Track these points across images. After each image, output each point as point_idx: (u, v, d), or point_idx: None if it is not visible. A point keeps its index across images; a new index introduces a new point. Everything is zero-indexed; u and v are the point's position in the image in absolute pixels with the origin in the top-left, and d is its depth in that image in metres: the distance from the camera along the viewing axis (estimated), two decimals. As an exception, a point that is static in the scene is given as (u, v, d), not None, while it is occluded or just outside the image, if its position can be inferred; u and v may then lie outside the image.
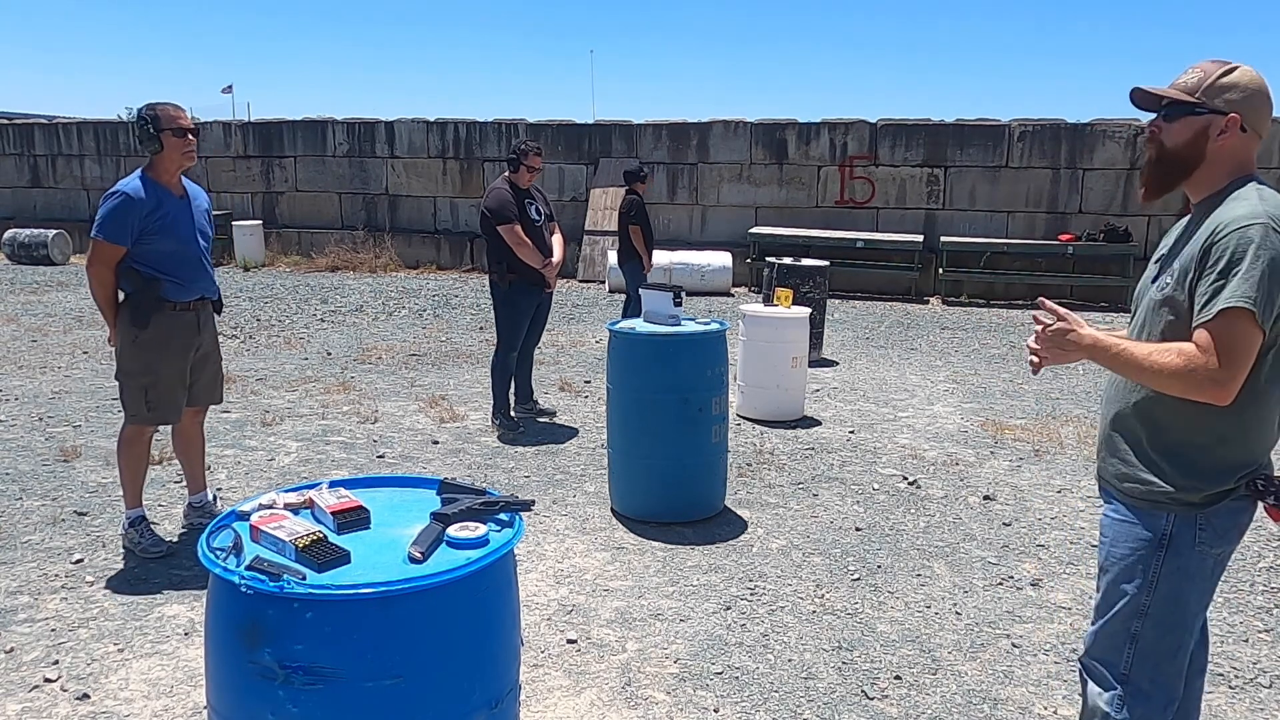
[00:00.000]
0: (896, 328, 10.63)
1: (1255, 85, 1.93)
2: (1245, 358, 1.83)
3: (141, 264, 3.77)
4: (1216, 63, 1.95)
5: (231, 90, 35.21)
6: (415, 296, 12.15)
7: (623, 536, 4.32)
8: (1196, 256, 1.89)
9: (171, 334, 3.88)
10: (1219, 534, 1.98)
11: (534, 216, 5.85)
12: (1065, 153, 13.04)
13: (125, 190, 3.72)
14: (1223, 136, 1.93)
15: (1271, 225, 1.82)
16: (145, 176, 3.80)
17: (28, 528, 4.24)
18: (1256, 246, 1.80)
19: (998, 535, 4.38)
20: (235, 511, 2.03)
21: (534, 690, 2.99)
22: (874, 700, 2.98)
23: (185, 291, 3.88)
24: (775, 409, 6.38)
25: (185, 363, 3.97)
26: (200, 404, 4.19)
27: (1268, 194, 1.90)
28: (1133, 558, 2.04)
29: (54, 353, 8.17)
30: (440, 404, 6.55)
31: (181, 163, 3.82)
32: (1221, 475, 1.95)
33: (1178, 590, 2.01)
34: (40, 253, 14.91)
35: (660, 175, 14.19)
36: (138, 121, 3.77)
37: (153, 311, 3.80)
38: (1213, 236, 1.87)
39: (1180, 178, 2.00)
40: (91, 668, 3.09)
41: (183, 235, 3.84)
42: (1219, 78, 1.93)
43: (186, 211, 3.90)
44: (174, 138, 3.76)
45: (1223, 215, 1.88)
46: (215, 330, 4.18)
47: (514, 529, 1.97)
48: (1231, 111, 1.91)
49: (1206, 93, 1.93)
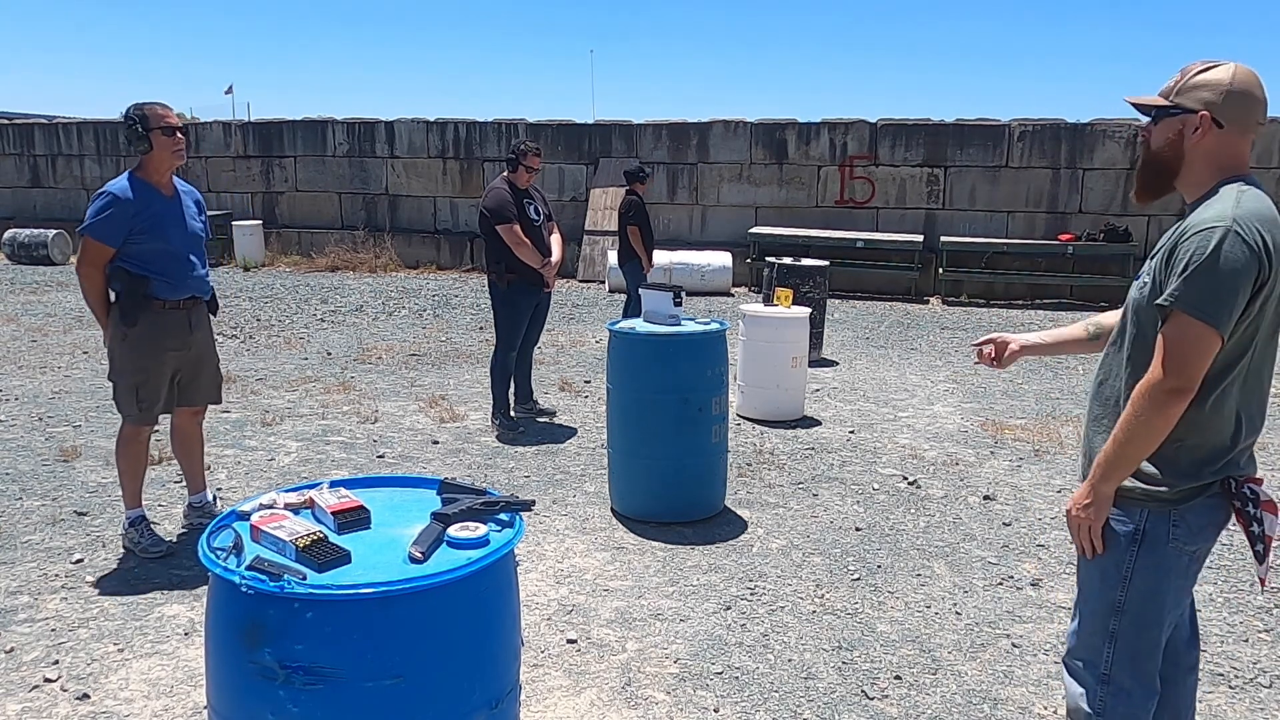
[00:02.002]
0: (896, 328, 10.63)
1: (1231, 82, 1.90)
2: (1194, 362, 1.84)
3: (130, 263, 3.75)
4: (1200, 63, 1.95)
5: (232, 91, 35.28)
6: (415, 296, 12.15)
7: (623, 536, 4.32)
8: (1164, 259, 1.90)
9: (161, 332, 3.86)
10: (1193, 531, 1.99)
11: (533, 216, 5.85)
12: (1065, 153, 13.04)
13: (113, 191, 3.72)
14: (1197, 134, 1.93)
15: (1235, 229, 1.80)
16: (134, 177, 3.79)
17: (28, 528, 4.24)
18: (1212, 251, 1.80)
19: (998, 535, 4.38)
20: (235, 511, 2.03)
21: (534, 690, 2.99)
22: (874, 700, 2.98)
23: (175, 290, 3.86)
24: (775, 409, 6.38)
25: (177, 362, 3.95)
26: (198, 404, 4.18)
27: (1248, 196, 1.88)
28: (1107, 553, 2.06)
29: (54, 353, 8.17)
30: (440, 404, 6.55)
31: (171, 162, 3.80)
32: (1191, 470, 1.96)
33: (1153, 586, 2.02)
34: (40, 253, 14.91)
35: (660, 175, 14.18)
36: (125, 122, 3.75)
37: (141, 310, 3.79)
38: (1179, 238, 1.88)
39: (1167, 178, 2.01)
40: (91, 668, 3.09)
41: (171, 235, 3.82)
42: (1192, 77, 1.93)
43: (176, 211, 3.88)
44: (163, 136, 3.75)
45: (1194, 218, 1.89)
46: (210, 330, 4.16)
47: (514, 529, 1.97)
48: (1202, 110, 1.91)
49: (1179, 93, 1.94)
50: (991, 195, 13.35)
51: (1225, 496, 1.98)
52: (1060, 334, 2.53)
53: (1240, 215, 1.83)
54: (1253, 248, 1.80)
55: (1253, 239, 1.81)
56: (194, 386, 4.09)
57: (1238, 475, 1.98)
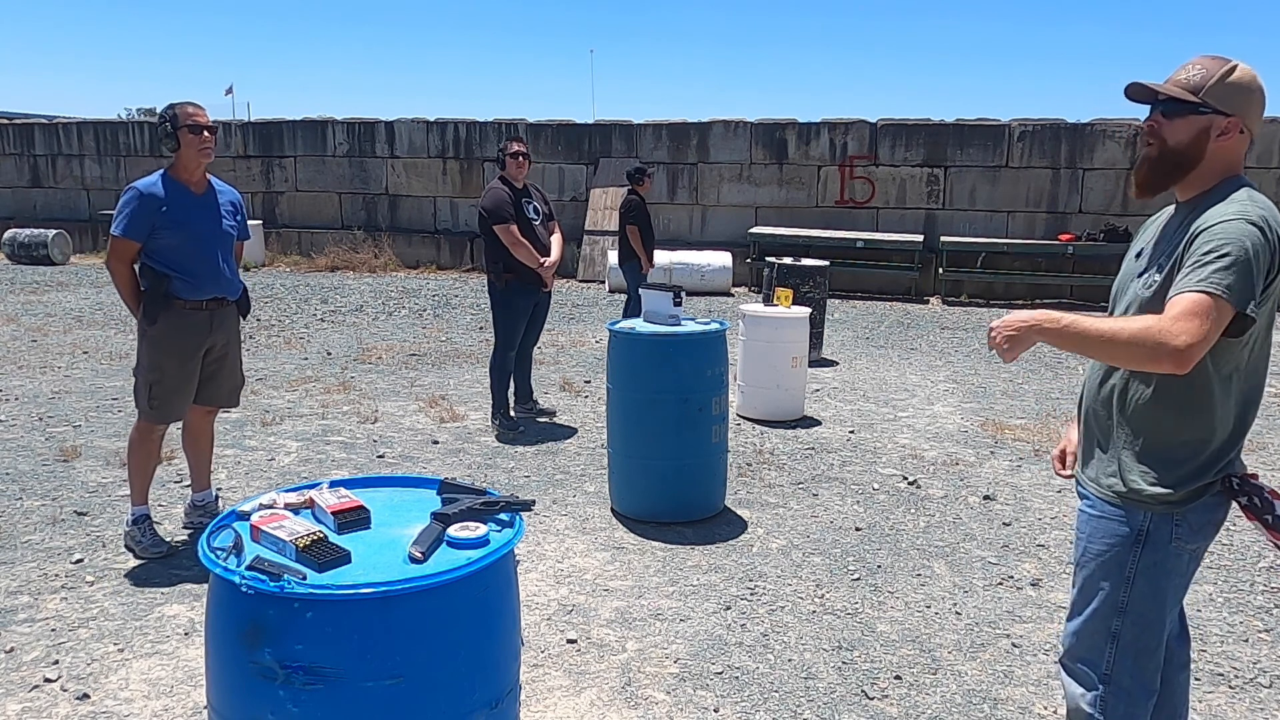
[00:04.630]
0: (896, 328, 10.63)
1: (1255, 86, 1.93)
2: (1206, 333, 1.79)
3: (154, 260, 3.81)
4: (1218, 60, 1.93)
5: (232, 92, 35.25)
6: (415, 296, 12.15)
7: (623, 536, 4.32)
8: (1182, 250, 1.89)
9: (179, 333, 3.87)
10: (1195, 530, 1.99)
11: (531, 215, 5.86)
12: (1065, 152, 13.04)
13: (138, 186, 3.79)
14: (1223, 137, 1.92)
15: (1259, 225, 1.83)
16: (165, 174, 3.87)
17: (28, 528, 4.24)
18: (1239, 241, 1.81)
19: (998, 535, 4.38)
20: (235, 511, 2.03)
21: (534, 690, 2.99)
22: (874, 700, 2.98)
23: (196, 290, 3.87)
24: (775, 409, 6.38)
25: (194, 363, 3.95)
26: (214, 404, 4.19)
27: (1257, 197, 1.91)
28: (1109, 554, 2.05)
29: (54, 353, 8.16)
30: (440, 404, 6.55)
31: (199, 159, 3.85)
32: (1195, 472, 1.96)
33: (1155, 586, 2.02)
34: (40, 253, 14.91)
35: (660, 175, 14.18)
36: (159, 122, 3.85)
37: (160, 309, 3.82)
38: (1200, 230, 1.87)
39: (1179, 176, 1.99)
40: (91, 668, 3.09)
41: (196, 232, 3.85)
42: (1223, 78, 1.91)
43: (207, 209, 3.91)
44: (189, 134, 3.80)
45: (1213, 213, 1.89)
46: (237, 332, 4.15)
47: (514, 529, 1.97)
48: (1234, 114, 1.91)
49: (1210, 93, 1.91)
50: (991, 195, 13.35)
51: (1226, 494, 1.98)
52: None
53: (1261, 213, 1.86)
54: (1271, 243, 1.83)
55: (1273, 235, 1.84)
56: (212, 386, 4.08)
57: (1235, 473, 1.98)
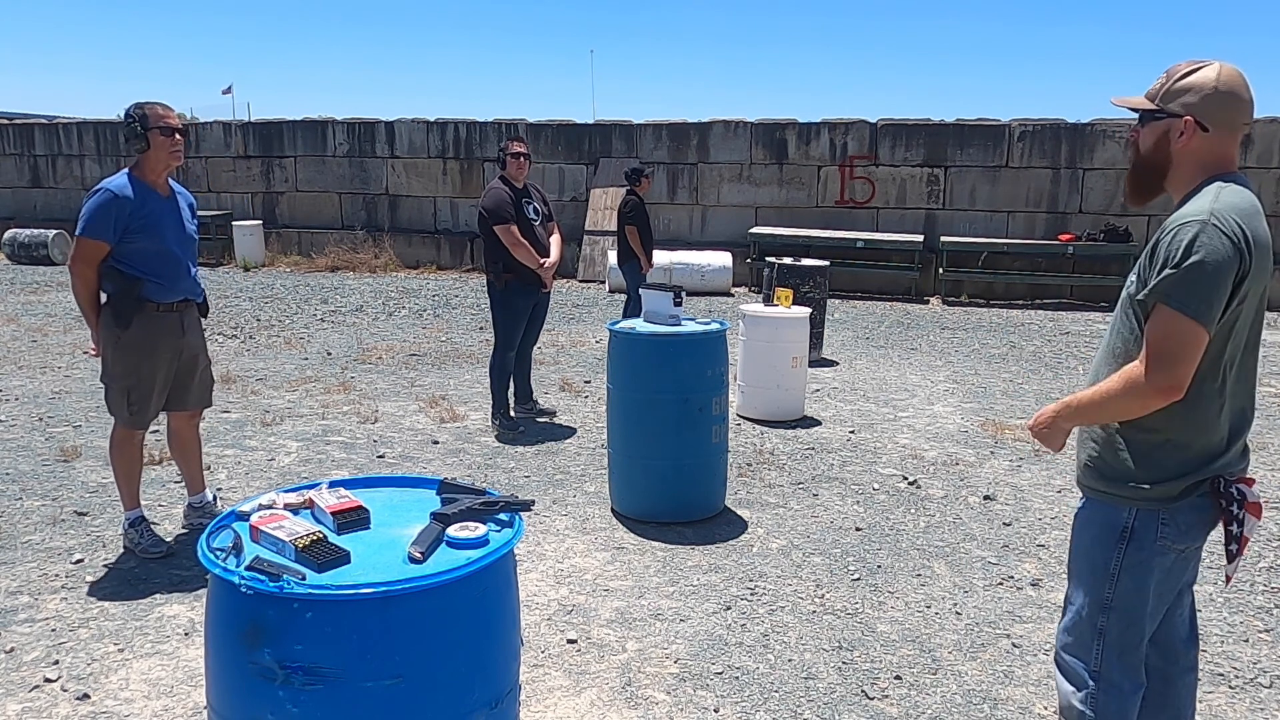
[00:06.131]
0: (896, 328, 10.63)
1: (1214, 84, 1.90)
2: (1181, 358, 1.84)
3: (124, 264, 3.72)
4: (1188, 64, 1.95)
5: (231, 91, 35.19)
6: (415, 296, 12.15)
7: (623, 536, 4.32)
8: (1147, 256, 1.91)
9: (154, 335, 3.83)
10: (1182, 530, 2.00)
11: (531, 216, 5.86)
12: (1065, 153, 13.04)
13: (110, 187, 3.67)
14: (1182, 138, 1.93)
15: (1213, 222, 1.81)
16: (131, 175, 3.76)
17: (28, 528, 4.24)
18: (1188, 245, 1.81)
19: (998, 535, 4.38)
20: (235, 511, 2.03)
21: (534, 690, 2.99)
22: (874, 700, 2.98)
23: (168, 292, 3.83)
24: (775, 409, 6.38)
25: (170, 366, 3.92)
26: (191, 408, 4.15)
27: (1227, 192, 1.88)
28: (1096, 550, 2.08)
29: (54, 353, 8.17)
30: (440, 404, 6.55)
31: (168, 162, 3.77)
32: (1177, 471, 1.96)
33: (1139, 583, 2.03)
34: (40, 253, 14.91)
35: (660, 175, 14.17)
36: (125, 120, 3.72)
37: (134, 312, 3.75)
38: (1160, 235, 1.89)
39: (1157, 180, 2.02)
40: (91, 668, 3.09)
41: (166, 236, 3.79)
42: (1176, 81, 1.94)
43: (172, 212, 3.85)
44: (161, 136, 3.72)
45: (1173, 215, 1.90)
46: (202, 333, 4.13)
47: (514, 529, 1.97)
48: (1186, 114, 1.91)
49: (1163, 97, 1.95)
50: (992, 195, 13.34)
51: (1214, 496, 1.98)
52: None
53: (1218, 209, 1.83)
54: (1232, 240, 1.81)
55: (1231, 231, 1.81)
56: (185, 390, 4.05)
57: (1229, 475, 1.98)
